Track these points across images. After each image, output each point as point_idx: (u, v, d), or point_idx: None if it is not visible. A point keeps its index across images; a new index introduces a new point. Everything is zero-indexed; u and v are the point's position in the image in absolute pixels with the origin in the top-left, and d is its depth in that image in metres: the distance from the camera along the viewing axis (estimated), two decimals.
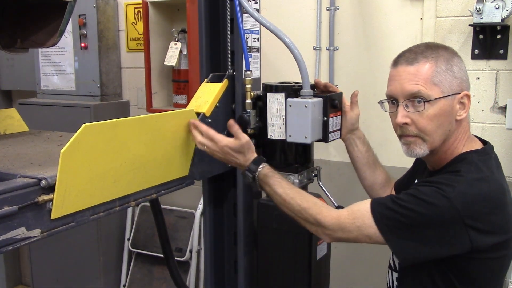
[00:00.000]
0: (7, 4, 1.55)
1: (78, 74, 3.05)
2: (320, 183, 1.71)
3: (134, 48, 3.12)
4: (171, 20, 2.91)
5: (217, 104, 1.60)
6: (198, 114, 1.53)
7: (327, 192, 1.69)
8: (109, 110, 3.02)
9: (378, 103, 1.39)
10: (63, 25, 1.53)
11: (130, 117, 1.24)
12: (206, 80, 1.66)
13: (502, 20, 1.99)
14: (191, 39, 2.62)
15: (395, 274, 1.41)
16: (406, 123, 1.27)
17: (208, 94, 1.60)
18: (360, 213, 1.27)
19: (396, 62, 1.32)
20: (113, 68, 3.10)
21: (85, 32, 2.97)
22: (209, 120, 1.56)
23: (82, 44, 2.99)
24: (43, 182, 1.06)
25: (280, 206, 1.40)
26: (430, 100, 1.24)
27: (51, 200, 1.07)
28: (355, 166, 1.68)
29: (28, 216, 1.04)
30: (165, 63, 2.74)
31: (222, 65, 1.74)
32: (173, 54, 2.73)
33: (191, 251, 2.98)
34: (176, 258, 2.83)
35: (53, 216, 1.08)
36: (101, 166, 1.15)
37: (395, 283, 1.41)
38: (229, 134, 1.64)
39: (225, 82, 1.64)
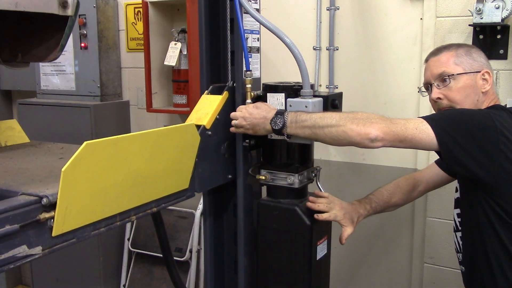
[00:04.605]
0: (7, 19, 1.55)
1: (78, 74, 3.05)
2: (318, 183, 1.71)
3: (134, 48, 3.12)
4: (171, 20, 2.91)
5: (218, 116, 1.59)
6: (198, 126, 1.52)
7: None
8: (109, 110, 3.01)
9: (418, 92, 1.70)
10: (64, 39, 1.52)
11: (131, 133, 1.24)
12: (206, 92, 1.65)
13: (502, 20, 1.99)
14: (191, 39, 2.63)
15: (459, 234, 1.58)
16: (439, 98, 1.55)
17: (208, 106, 1.59)
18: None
19: (426, 59, 1.64)
20: (113, 68, 3.10)
21: (85, 32, 2.97)
22: (209, 132, 1.55)
23: (82, 44, 2.99)
24: (45, 200, 1.05)
25: (320, 131, 1.43)
26: (453, 75, 1.53)
27: (52, 217, 1.06)
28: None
29: (30, 233, 1.04)
30: (165, 63, 2.75)
31: (222, 65, 1.73)
32: (173, 54, 2.73)
33: (191, 251, 2.98)
34: (176, 258, 2.83)
35: (54, 233, 1.08)
36: (102, 182, 1.15)
37: (460, 242, 1.58)
38: (229, 146, 1.64)
39: (225, 94, 1.63)
